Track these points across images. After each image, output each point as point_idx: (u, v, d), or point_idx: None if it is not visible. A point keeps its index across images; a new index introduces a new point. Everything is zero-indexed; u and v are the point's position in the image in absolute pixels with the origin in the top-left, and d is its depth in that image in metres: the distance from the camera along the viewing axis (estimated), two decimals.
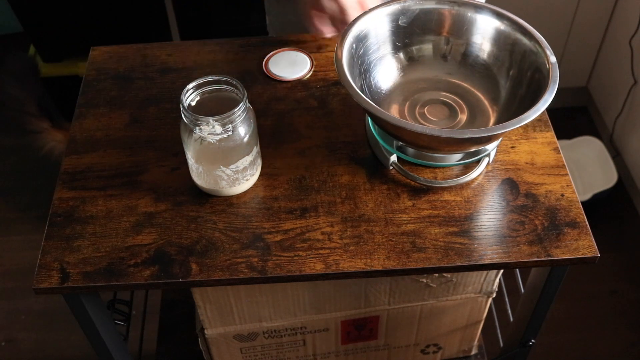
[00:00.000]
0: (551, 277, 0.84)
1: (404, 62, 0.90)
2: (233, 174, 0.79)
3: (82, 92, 0.96)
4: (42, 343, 1.70)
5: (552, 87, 0.77)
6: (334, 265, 0.75)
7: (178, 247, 0.77)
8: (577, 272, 1.74)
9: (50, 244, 0.78)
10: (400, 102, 0.89)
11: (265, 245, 0.77)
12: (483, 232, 0.78)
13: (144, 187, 0.83)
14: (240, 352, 1.04)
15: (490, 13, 0.86)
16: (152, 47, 1.03)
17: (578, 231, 0.78)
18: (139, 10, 1.93)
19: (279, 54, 1.00)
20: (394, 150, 0.83)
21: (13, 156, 2.17)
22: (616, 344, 1.68)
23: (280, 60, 0.99)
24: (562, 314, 1.72)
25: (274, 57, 1.00)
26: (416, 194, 0.82)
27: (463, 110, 0.88)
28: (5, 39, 2.48)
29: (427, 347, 1.12)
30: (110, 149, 0.88)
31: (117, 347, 0.91)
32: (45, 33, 1.91)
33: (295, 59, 0.99)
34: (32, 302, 1.77)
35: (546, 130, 0.89)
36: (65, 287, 0.75)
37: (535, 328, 0.95)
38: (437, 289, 0.97)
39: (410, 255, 0.76)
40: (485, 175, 0.84)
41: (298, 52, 1.00)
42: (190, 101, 0.77)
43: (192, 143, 0.77)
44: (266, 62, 0.99)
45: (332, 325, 1.01)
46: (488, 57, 0.88)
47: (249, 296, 0.92)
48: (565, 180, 0.83)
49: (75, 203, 0.82)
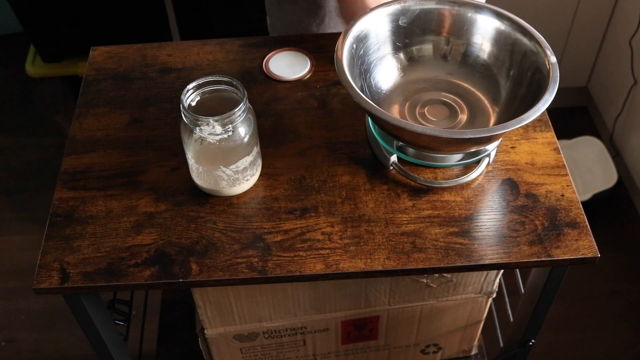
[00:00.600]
0: (551, 277, 0.84)
1: (404, 62, 0.90)
2: (233, 174, 0.79)
3: (82, 92, 0.96)
4: (42, 343, 1.70)
5: (552, 88, 0.77)
6: (334, 266, 0.75)
7: (178, 247, 0.77)
8: (577, 272, 1.74)
9: (50, 244, 0.78)
10: (401, 102, 0.89)
11: (266, 245, 0.77)
12: (483, 233, 0.78)
13: (144, 187, 0.83)
14: (240, 352, 1.04)
15: (491, 13, 0.86)
16: (152, 47, 1.03)
17: (578, 231, 0.78)
18: (139, 10, 1.93)
19: (279, 54, 1.00)
20: (394, 151, 0.83)
21: (13, 156, 2.17)
22: (616, 344, 1.68)
23: (280, 60, 0.99)
24: (562, 314, 1.72)
25: (274, 57, 1.00)
26: (416, 194, 0.82)
27: (463, 110, 0.88)
28: (5, 39, 2.48)
29: (427, 347, 1.12)
30: (110, 149, 0.88)
31: (117, 347, 0.91)
32: (45, 33, 1.91)
33: (295, 59, 0.99)
34: (32, 302, 1.77)
35: (546, 130, 0.89)
36: (65, 287, 0.75)
37: (535, 328, 0.95)
38: (437, 289, 0.97)
39: (410, 255, 0.76)
40: (486, 176, 0.84)
41: (298, 52, 1.00)
42: (191, 101, 0.77)
43: (192, 143, 0.77)
44: (266, 62, 0.99)
45: (332, 326, 1.01)
46: (488, 58, 0.88)
47: (249, 296, 0.92)
48: (566, 180, 0.83)
49: (75, 203, 0.82)
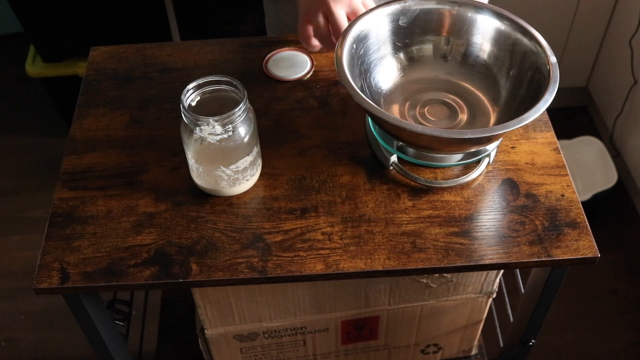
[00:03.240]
0: (551, 277, 0.84)
1: (404, 62, 0.90)
2: (233, 174, 0.79)
3: (82, 92, 0.96)
4: (42, 343, 1.70)
5: (552, 88, 0.77)
6: (334, 266, 0.75)
7: (178, 247, 0.77)
8: (577, 272, 1.74)
9: (50, 244, 0.78)
10: (401, 102, 0.89)
11: (266, 245, 0.77)
12: (483, 233, 0.78)
13: (144, 187, 0.83)
14: (240, 352, 1.04)
15: (491, 13, 0.86)
16: (152, 47, 1.03)
17: (578, 231, 0.78)
18: (139, 10, 1.93)
19: (279, 54, 1.00)
20: (394, 151, 0.83)
21: (13, 156, 2.17)
22: (616, 344, 1.68)
23: (280, 61, 0.99)
24: (562, 314, 1.72)
25: (274, 57, 1.00)
26: (416, 194, 0.82)
27: (463, 110, 0.88)
28: (5, 39, 2.48)
29: (427, 347, 1.12)
30: (110, 149, 0.88)
31: (117, 347, 0.91)
32: (45, 33, 1.91)
33: (295, 59, 0.99)
34: (32, 302, 1.77)
35: (546, 130, 0.89)
36: (65, 287, 0.75)
37: (535, 328, 0.95)
38: (437, 289, 0.97)
39: (410, 255, 0.76)
40: (486, 176, 0.84)
41: (298, 52, 1.00)
42: (191, 101, 0.77)
43: (192, 143, 0.77)
44: (266, 62, 0.99)
45: (332, 325, 1.01)
46: (488, 57, 0.88)
47: (249, 296, 0.92)
48: (566, 180, 0.83)
49: (75, 203, 0.82)
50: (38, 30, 1.90)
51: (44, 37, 1.92)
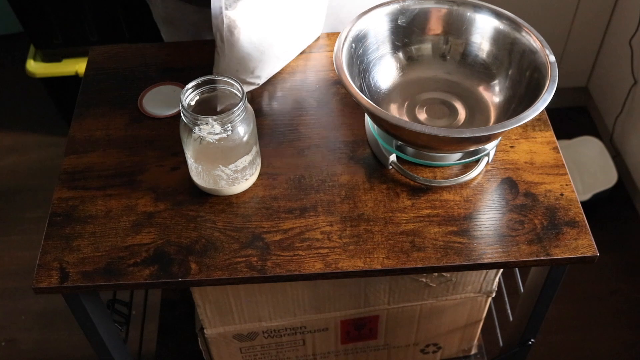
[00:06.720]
0: (550, 276, 0.84)
1: (403, 62, 0.90)
2: (232, 173, 0.79)
3: (82, 91, 0.96)
4: (42, 343, 1.70)
5: (551, 87, 0.77)
6: (333, 265, 0.75)
7: (177, 246, 0.77)
8: (577, 272, 1.74)
9: (50, 244, 0.78)
10: (400, 101, 0.89)
11: (265, 244, 0.77)
12: (482, 232, 0.78)
13: (143, 187, 0.83)
14: (239, 352, 1.04)
15: (489, 12, 0.86)
16: (152, 47, 1.03)
17: (577, 230, 0.78)
18: (138, 10, 1.93)
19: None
20: (393, 150, 0.83)
21: (13, 156, 2.17)
22: (616, 344, 1.68)
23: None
24: (562, 314, 1.72)
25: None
26: (415, 194, 0.82)
27: (462, 109, 0.88)
28: (5, 39, 2.48)
29: (426, 347, 1.12)
30: (110, 148, 0.88)
31: (116, 347, 0.91)
32: (45, 33, 1.91)
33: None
34: (32, 302, 1.77)
35: (545, 129, 0.89)
36: (64, 287, 0.75)
37: (535, 328, 0.95)
38: (436, 289, 0.97)
39: (409, 254, 0.76)
40: (485, 175, 0.84)
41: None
42: (190, 101, 0.77)
43: (191, 143, 0.77)
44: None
45: (331, 325, 1.01)
46: (487, 57, 0.88)
47: (248, 296, 0.92)
48: (565, 179, 0.83)
49: (74, 203, 0.82)
50: (38, 30, 1.90)
51: (44, 37, 1.92)
